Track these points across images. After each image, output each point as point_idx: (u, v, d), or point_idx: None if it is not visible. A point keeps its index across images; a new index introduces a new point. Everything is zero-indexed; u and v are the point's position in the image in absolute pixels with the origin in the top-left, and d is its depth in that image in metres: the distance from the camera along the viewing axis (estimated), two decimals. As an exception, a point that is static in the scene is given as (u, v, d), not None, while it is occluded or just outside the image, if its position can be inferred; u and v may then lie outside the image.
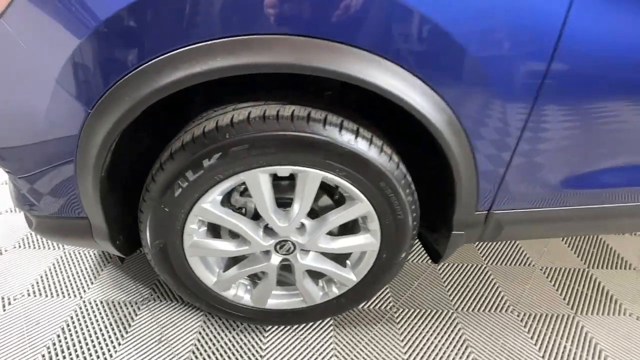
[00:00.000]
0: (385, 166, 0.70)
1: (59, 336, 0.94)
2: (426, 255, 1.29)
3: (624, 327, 1.06)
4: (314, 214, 0.84)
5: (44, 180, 0.73)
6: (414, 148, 0.80)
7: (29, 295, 1.06)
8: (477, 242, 1.34)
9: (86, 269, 1.16)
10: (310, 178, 0.70)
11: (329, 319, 1.03)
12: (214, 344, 0.95)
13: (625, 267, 1.29)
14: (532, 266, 1.28)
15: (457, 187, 0.73)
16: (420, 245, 1.29)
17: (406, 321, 1.04)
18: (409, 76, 0.58)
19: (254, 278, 0.95)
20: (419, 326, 1.02)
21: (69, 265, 1.17)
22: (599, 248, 1.38)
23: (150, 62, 0.55)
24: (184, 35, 0.54)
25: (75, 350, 0.91)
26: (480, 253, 1.32)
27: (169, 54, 0.55)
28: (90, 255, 1.21)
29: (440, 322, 1.04)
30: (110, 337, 0.95)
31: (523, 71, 0.61)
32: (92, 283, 1.11)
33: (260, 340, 0.97)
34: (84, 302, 1.04)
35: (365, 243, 0.82)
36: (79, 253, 1.22)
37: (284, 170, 0.69)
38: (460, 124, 0.65)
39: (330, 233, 0.89)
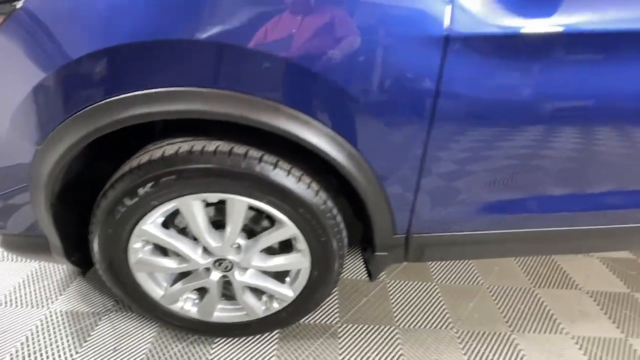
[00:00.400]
0: (303, 194, 0.78)
1: (22, 344, 1.02)
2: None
3: (557, 346, 1.11)
4: (254, 234, 0.92)
5: (7, 203, 0.83)
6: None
7: (0, 305, 1.15)
8: (425, 262, 1.41)
9: (57, 281, 1.25)
10: (236, 204, 0.79)
11: (275, 331, 1.10)
12: (164, 354, 1.02)
13: (571, 287, 1.34)
14: (480, 285, 1.33)
15: (370, 213, 0.81)
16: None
17: (348, 336, 1.10)
18: (309, 119, 0.68)
19: (202, 292, 1.03)
20: (359, 341, 1.09)
21: (42, 277, 1.26)
22: (549, 268, 1.43)
23: (85, 109, 0.65)
24: (115, 86, 0.64)
25: (36, 358, 0.99)
26: (432, 271, 1.38)
27: (102, 102, 0.65)
28: (62, 268, 1.30)
29: (380, 338, 1.10)
30: (69, 346, 1.03)
31: (413, 112, 0.69)
32: (60, 294, 1.19)
33: (208, 352, 1.04)
34: (50, 312, 1.13)
35: (297, 262, 0.90)
36: (53, 266, 1.31)
37: (212, 197, 0.78)
38: (364, 159, 0.74)
39: (273, 252, 0.97)
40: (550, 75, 0.66)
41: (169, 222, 0.89)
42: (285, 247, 0.97)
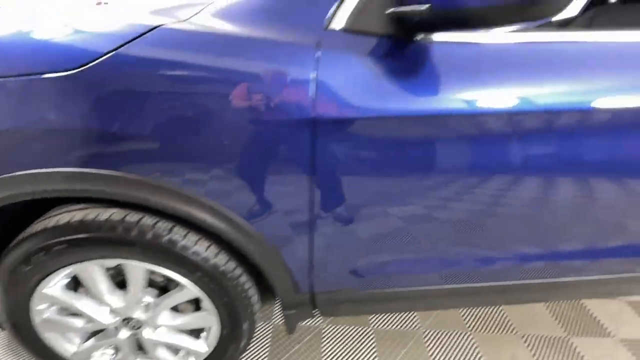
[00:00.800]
0: (198, 259, 0.79)
1: (-64, 401, 1.02)
2: (311, 318, 1.35)
3: (483, 397, 1.10)
4: (168, 289, 0.94)
5: None
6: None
7: None
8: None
9: (-13, 329, 1.24)
10: (134, 269, 0.81)
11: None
12: (80, 411, 1.01)
13: (507, 331, 1.34)
14: (417, 329, 1.33)
15: (266, 274, 0.83)
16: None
17: (271, 388, 1.10)
18: (190, 193, 0.70)
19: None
20: (282, 394, 1.08)
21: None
22: (488, 310, 1.43)
23: None
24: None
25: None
26: (369, 315, 1.38)
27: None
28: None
29: (304, 390, 1.10)
30: (-17, 402, 1.02)
31: (295, 184, 0.72)
32: (-13, 344, 1.19)
33: (126, 407, 1.03)
34: (-28, 364, 1.12)
35: (204, 320, 0.91)
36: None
37: (110, 262, 0.80)
38: (252, 228, 0.76)
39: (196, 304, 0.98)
40: (413, 152, 0.70)
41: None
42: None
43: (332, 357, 1.20)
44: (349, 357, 1.20)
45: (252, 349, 1.22)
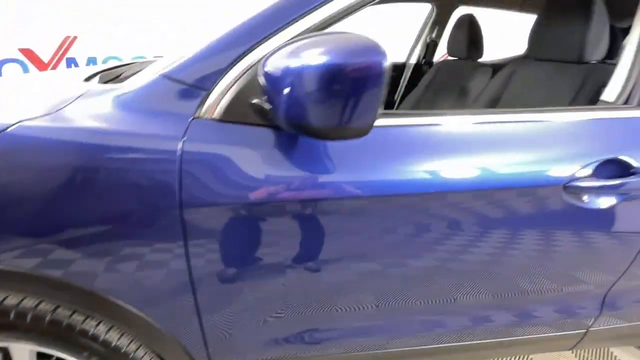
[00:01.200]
0: (86, 337, 0.77)
1: None
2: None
3: None
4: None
5: None
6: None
7: None
8: None
9: None
10: (18, 350, 0.78)
11: None
12: None
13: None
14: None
15: (158, 350, 0.82)
16: None
17: None
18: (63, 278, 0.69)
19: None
20: None
21: None
22: None
23: None
24: None
25: None
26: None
27: None
28: None
29: None
30: None
31: (171, 265, 0.72)
32: None
33: None
34: None
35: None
36: None
37: (-8, 346, 0.78)
38: (135, 308, 0.75)
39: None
40: (278, 233, 0.73)
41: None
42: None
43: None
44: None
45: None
